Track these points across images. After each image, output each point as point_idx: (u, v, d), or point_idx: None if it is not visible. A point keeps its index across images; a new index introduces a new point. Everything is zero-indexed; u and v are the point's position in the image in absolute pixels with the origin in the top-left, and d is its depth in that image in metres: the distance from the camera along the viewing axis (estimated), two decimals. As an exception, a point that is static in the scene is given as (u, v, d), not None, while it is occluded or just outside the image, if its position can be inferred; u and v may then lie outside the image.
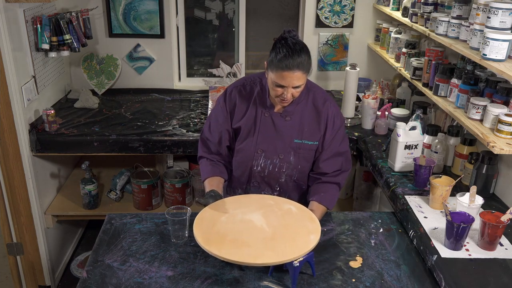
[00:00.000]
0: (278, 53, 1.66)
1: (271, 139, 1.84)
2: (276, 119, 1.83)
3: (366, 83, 3.25)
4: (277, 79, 1.68)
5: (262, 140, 1.85)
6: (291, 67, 1.64)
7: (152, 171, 2.95)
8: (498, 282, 1.49)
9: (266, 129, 1.84)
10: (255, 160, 1.87)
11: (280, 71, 1.65)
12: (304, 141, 1.84)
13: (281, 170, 1.89)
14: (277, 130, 1.84)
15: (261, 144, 1.85)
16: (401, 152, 2.17)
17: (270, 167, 1.88)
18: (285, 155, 1.86)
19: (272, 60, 1.67)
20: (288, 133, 1.84)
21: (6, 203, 2.63)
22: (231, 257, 1.46)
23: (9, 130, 2.47)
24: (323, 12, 3.32)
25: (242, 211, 1.69)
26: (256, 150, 1.86)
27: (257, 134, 1.84)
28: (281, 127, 1.83)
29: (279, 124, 1.83)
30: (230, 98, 1.88)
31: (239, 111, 1.86)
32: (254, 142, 1.85)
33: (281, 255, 1.47)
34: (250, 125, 1.85)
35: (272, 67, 1.68)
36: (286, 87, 1.69)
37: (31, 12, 2.63)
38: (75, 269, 3.10)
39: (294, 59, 1.64)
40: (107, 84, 3.32)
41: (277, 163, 1.87)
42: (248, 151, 1.87)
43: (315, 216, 1.69)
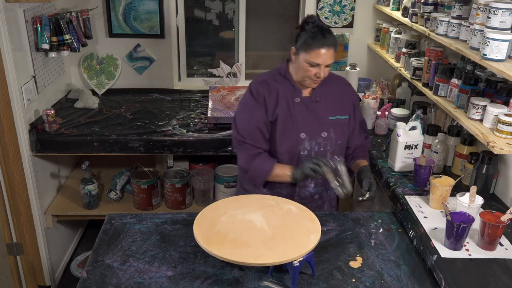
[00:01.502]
0: (311, 33, 1.78)
1: (309, 122, 1.93)
2: (307, 103, 1.93)
3: (366, 83, 3.25)
4: (312, 58, 1.79)
5: (302, 124, 1.92)
6: (327, 44, 1.78)
7: (152, 171, 2.95)
8: (498, 282, 1.49)
9: (302, 114, 1.92)
10: (301, 145, 1.93)
11: (316, 49, 1.77)
12: (337, 117, 1.97)
13: (326, 148, 1.97)
14: (311, 112, 1.94)
15: (302, 128, 1.92)
16: (401, 152, 2.17)
17: (316, 148, 1.95)
18: (327, 133, 1.95)
19: (306, 41, 1.79)
20: (322, 112, 1.95)
21: (6, 203, 2.63)
22: (232, 257, 1.46)
23: (9, 130, 2.47)
24: (323, 12, 3.32)
25: (242, 211, 1.69)
26: (299, 135, 1.92)
27: (295, 120, 1.92)
28: (314, 108, 1.94)
29: (312, 106, 1.94)
30: (258, 94, 1.92)
31: (271, 103, 1.91)
32: (295, 128, 1.92)
33: (281, 255, 1.47)
34: (286, 114, 1.91)
35: (305, 48, 1.79)
36: (320, 65, 1.80)
37: (31, 12, 2.63)
38: (75, 269, 3.11)
39: (327, 37, 1.79)
40: (107, 84, 3.32)
41: (321, 143, 1.95)
42: (292, 139, 1.93)
43: (315, 216, 1.70)
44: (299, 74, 1.87)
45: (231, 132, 2.69)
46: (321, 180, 2.02)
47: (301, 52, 1.81)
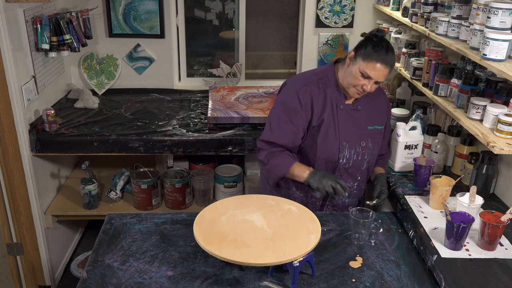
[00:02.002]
0: (376, 45, 1.76)
1: (351, 130, 1.93)
2: (349, 110, 1.93)
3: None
4: (367, 69, 1.76)
5: (344, 132, 1.91)
6: (386, 62, 1.76)
7: (152, 171, 2.95)
8: (498, 282, 1.49)
9: (344, 121, 1.92)
10: (341, 153, 1.93)
11: (374, 62, 1.76)
12: (375, 126, 1.98)
13: (364, 157, 1.97)
14: (353, 120, 1.93)
15: (344, 136, 1.92)
16: (401, 152, 2.17)
17: (354, 157, 1.95)
18: (366, 142, 1.96)
19: (368, 51, 1.76)
20: (363, 121, 1.95)
21: (6, 203, 2.63)
22: (232, 257, 1.46)
23: (9, 130, 2.47)
24: (323, 12, 3.32)
25: (243, 211, 1.69)
26: (340, 143, 1.91)
27: (338, 127, 1.91)
28: (355, 116, 1.94)
29: (354, 114, 1.94)
30: (305, 96, 1.89)
31: (317, 107, 1.89)
32: (337, 135, 1.91)
33: (281, 255, 1.47)
34: (330, 120, 1.90)
35: (365, 57, 1.77)
36: (371, 79, 1.79)
37: (31, 12, 2.63)
38: (75, 269, 3.11)
39: (389, 56, 1.77)
40: (107, 84, 3.32)
41: (360, 152, 1.95)
42: (333, 146, 1.92)
43: (315, 216, 1.70)
44: (347, 80, 1.84)
45: (231, 132, 2.71)
46: (356, 191, 2.03)
47: (359, 59, 1.78)
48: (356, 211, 1.76)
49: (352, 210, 1.76)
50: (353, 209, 1.77)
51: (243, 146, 2.67)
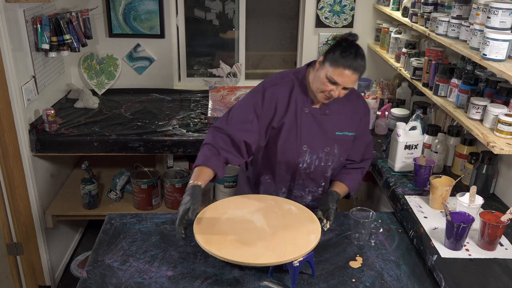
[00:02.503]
0: (344, 51, 1.69)
1: (314, 134, 1.86)
2: (316, 114, 1.86)
3: (366, 83, 3.25)
4: (334, 75, 1.70)
5: (306, 136, 1.85)
6: (354, 67, 1.68)
7: (152, 171, 2.95)
8: (498, 282, 1.49)
9: (308, 125, 1.85)
10: (301, 157, 1.87)
11: (342, 69, 1.68)
12: (345, 132, 1.89)
13: (327, 164, 1.91)
14: (319, 124, 1.86)
15: (305, 141, 1.86)
16: (401, 152, 2.17)
17: (316, 162, 1.89)
18: (331, 148, 1.88)
19: (336, 56, 1.69)
20: (330, 126, 1.87)
21: (6, 203, 2.63)
22: (232, 257, 1.46)
23: (9, 130, 2.47)
24: (323, 12, 3.32)
25: (243, 212, 1.69)
26: (301, 147, 1.86)
27: (300, 130, 1.85)
28: (322, 121, 1.86)
29: (320, 118, 1.86)
30: (270, 97, 1.84)
31: (281, 109, 1.84)
32: (298, 139, 1.85)
33: (281, 255, 1.47)
34: (292, 123, 1.85)
35: (332, 62, 1.70)
36: (338, 85, 1.72)
37: (31, 12, 2.63)
38: (75, 269, 3.11)
39: (358, 61, 1.69)
40: (107, 84, 3.32)
41: (323, 157, 1.89)
42: (293, 149, 1.86)
43: (315, 216, 1.69)
44: (315, 85, 1.78)
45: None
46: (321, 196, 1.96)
47: (327, 64, 1.72)
48: (356, 211, 1.76)
49: (352, 210, 1.76)
50: (353, 209, 1.77)
51: (243, 146, 2.67)
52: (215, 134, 1.83)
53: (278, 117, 1.84)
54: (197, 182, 1.67)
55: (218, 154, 1.78)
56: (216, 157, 1.77)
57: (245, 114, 1.83)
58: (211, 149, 1.78)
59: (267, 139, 1.88)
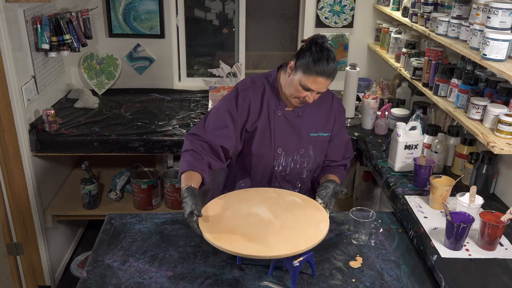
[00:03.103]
0: (315, 57, 1.66)
1: (288, 137, 1.85)
2: (289, 117, 1.85)
3: (366, 83, 3.25)
4: (307, 82, 1.68)
5: (280, 139, 1.84)
6: (327, 74, 1.67)
7: (152, 171, 2.95)
8: (498, 282, 1.49)
9: (281, 128, 1.84)
10: (276, 160, 1.86)
11: (315, 76, 1.67)
12: (319, 133, 1.88)
13: (303, 165, 1.90)
14: (292, 127, 1.85)
15: (279, 144, 1.85)
16: (401, 152, 2.17)
17: (292, 165, 1.88)
18: (305, 150, 1.87)
19: (307, 63, 1.67)
20: (304, 128, 1.86)
21: (6, 203, 2.63)
22: (245, 251, 1.42)
23: (9, 130, 2.47)
24: (323, 12, 3.32)
25: (246, 205, 1.67)
26: (275, 150, 1.85)
27: (274, 134, 1.84)
28: (296, 123, 1.85)
29: (293, 121, 1.85)
30: (243, 101, 1.82)
31: (254, 112, 1.82)
32: (272, 142, 1.84)
33: (295, 246, 1.45)
34: (265, 127, 1.83)
35: (304, 69, 1.68)
36: (313, 91, 1.71)
37: (31, 12, 2.63)
38: (75, 269, 3.11)
39: (330, 66, 1.67)
40: (107, 84, 3.32)
41: (298, 159, 1.88)
42: (267, 153, 1.85)
43: (320, 205, 1.68)
44: (288, 91, 1.76)
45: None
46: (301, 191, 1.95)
47: (299, 72, 1.69)
48: (356, 211, 1.76)
49: (352, 210, 1.76)
50: (353, 209, 1.77)
51: (243, 146, 2.67)
52: (192, 141, 1.81)
53: (251, 121, 1.83)
54: (191, 184, 1.64)
55: (201, 159, 1.76)
56: (200, 161, 1.75)
57: (221, 120, 1.82)
58: (192, 155, 1.76)
59: (243, 143, 1.87)
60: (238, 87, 1.86)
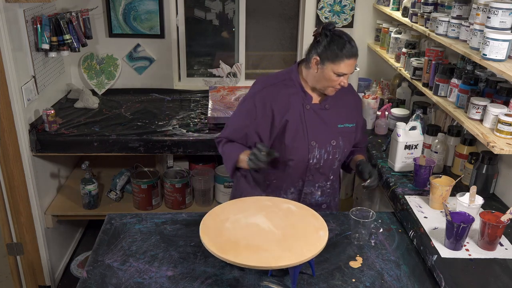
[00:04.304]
0: (338, 43, 1.73)
1: (319, 130, 1.89)
2: (317, 110, 1.90)
3: (366, 83, 3.25)
4: (340, 69, 1.75)
5: (312, 131, 1.88)
6: (354, 54, 1.76)
7: (152, 171, 2.96)
8: (498, 282, 1.49)
9: (312, 121, 1.89)
10: (310, 153, 1.90)
11: (346, 60, 1.74)
12: (345, 124, 1.94)
13: (335, 156, 1.94)
14: (322, 119, 1.90)
15: (312, 136, 1.89)
16: (401, 152, 2.17)
17: (325, 156, 1.92)
18: (336, 141, 1.92)
19: (333, 52, 1.74)
20: (332, 120, 1.91)
21: (6, 203, 2.63)
22: (252, 263, 1.43)
23: (9, 130, 2.47)
24: (323, 12, 3.32)
25: (244, 215, 1.66)
26: (309, 143, 1.89)
27: (306, 127, 1.88)
28: (325, 116, 1.90)
29: (322, 113, 1.90)
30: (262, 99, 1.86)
31: (279, 108, 1.86)
32: (305, 136, 1.88)
33: (300, 255, 1.45)
34: (297, 121, 1.87)
35: (333, 58, 1.74)
36: (345, 75, 1.78)
37: (31, 12, 2.63)
38: (75, 269, 3.11)
39: (354, 46, 1.76)
40: (107, 84, 3.32)
41: (330, 151, 1.92)
42: (302, 146, 1.89)
43: (315, 212, 1.69)
44: (321, 84, 1.82)
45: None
46: (329, 190, 2.01)
47: (328, 63, 1.75)
48: (356, 211, 1.76)
49: (352, 210, 1.76)
50: (353, 209, 1.77)
51: (243, 146, 2.67)
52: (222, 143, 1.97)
53: (279, 117, 1.86)
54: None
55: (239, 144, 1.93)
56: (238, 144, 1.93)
57: (241, 121, 1.92)
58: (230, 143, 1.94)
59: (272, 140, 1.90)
60: (255, 89, 1.91)
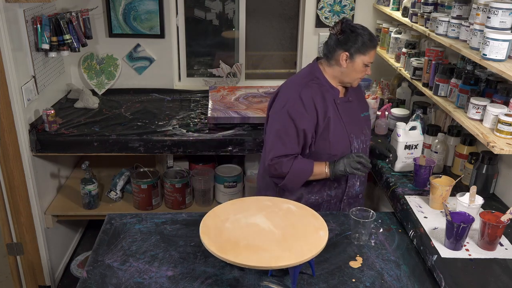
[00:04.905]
0: (364, 36, 1.84)
1: (352, 121, 1.97)
2: (345, 103, 1.97)
3: (366, 83, 3.25)
4: (371, 58, 1.87)
5: (348, 124, 1.95)
6: (376, 43, 1.89)
7: (152, 171, 2.95)
8: (498, 282, 1.49)
9: (345, 114, 1.96)
10: (352, 145, 1.96)
11: (373, 50, 1.86)
12: (365, 113, 2.05)
13: (366, 144, 2.04)
14: (351, 111, 1.98)
15: (350, 129, 1.95)
16: (401, 152, 2.17)
17: (362, 146, 2.00)
18: (365, 130, 2.03)
19: (363, 44, 1.83)
20: (357, 111, 2.01)
21: (6, 203, 2.63)
22: (252, 263, 1.43)
23: (9, 130, 2.47)
24: (323, 12, 3.32)
25: (244, 215, 1.66)
26: (349, 135, 1.94)
27: (343, 121, 1.94)
28: (351, 108, 1.99)
29: (349, 106, 1.98)
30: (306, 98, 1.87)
31: (320, 106, 1.89)
32: (344, 129, 1.94)
33: (300, 255, 1.46)
34: (335, 116, 1.92)
35: (364, 51, 1.84)
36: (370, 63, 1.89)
37: (31, 12, 2.63)
38: (75, 269, 3.11)
39: (373, 35, 1.88)
40: (107, 84, 3.32)
41: (364, 139, 2.01)
42: (345, 140, 1.94)
43: (315, 212, 1.69)
44: (351, 77, 1.90)
45: (231, 132, 2.71)
46: (363, 178, 2.06)
47: (358, 55, 1.84)
48: (356, 211, 1.76)
49: (352, 210, 1.76)
50: (353, 209, 1.77)
51: (243, 146, 2.67)
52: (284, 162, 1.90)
53: (322, 115, 1.89)
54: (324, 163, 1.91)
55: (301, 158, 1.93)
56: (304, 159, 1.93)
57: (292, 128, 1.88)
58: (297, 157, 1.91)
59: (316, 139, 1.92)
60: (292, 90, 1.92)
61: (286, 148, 1.89)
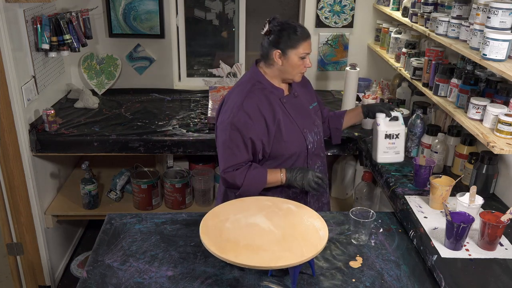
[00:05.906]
0: (289, 30, 1.85)
1: (302, 116, 2.00)
2: (292, 100, 1.99)
3: (366, 83, 3.25)
4: (304, 50, 1.87)
5: (299, 120, 1.97)
6: (308, 33, 1.89)
7: (152, 171, 2.96)
8: (498, 282, 1.49)
9: (294, 111, 1.97)
10: (306, 140, 1.98)
11: (305, 41, 1.87)
12: (313, 104, 2.08)
13: (320, 135, 2.07)
14: (299, 107, 2.00)
15: (301, 124, 1.97)
16: (382, 141, 2.16)
17: (316, 138, 2.03)
18: (316, 121, 2.05)
19: (290, 39, 1.85)
20: (304, 104, 2.03)
21: (6, 203, 2.63)
22: (252, 263, 1.43)
23: (9, 130, 2.47)
24: (323, 12, 3.32)
25: (244, 215, 1.66)
26: (302, 132, 1.96)
27: (293, 119, 1.95)
28: (298, 103, 2.01)
29: (296, 102, 2.00)
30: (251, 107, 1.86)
31: (266, 111, 1.89)
32: (296, 127, 1.95)
33: (300, 255, 1.45)
34: (284, 116, 1.93)
35: (292, 45, 1.85)
36: (308, 54, 1.90)
37: (31, 12, 2.63)
38: (75, 269, 3.11)
39: (304, 27, 1.90)
40: (107, 84, 3.32)
41: (317, 131, 2.05)
42: (299, 137, 1.96)
43: (315, 212, 1.69)
44: (291, 73, 1.91)
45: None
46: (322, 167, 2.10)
47: (289, 50, 1.86)
48: (356, 211, 1.76)
49: (352, 210, 1.76)
50: (353, 209, 1.77)
51: (243, 146, 2.67)
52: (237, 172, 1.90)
53: (270, 118, 1.89)
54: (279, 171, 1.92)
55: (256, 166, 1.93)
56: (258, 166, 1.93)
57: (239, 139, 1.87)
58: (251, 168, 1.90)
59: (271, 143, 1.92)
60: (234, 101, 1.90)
61: (237, 157, 1.89)
